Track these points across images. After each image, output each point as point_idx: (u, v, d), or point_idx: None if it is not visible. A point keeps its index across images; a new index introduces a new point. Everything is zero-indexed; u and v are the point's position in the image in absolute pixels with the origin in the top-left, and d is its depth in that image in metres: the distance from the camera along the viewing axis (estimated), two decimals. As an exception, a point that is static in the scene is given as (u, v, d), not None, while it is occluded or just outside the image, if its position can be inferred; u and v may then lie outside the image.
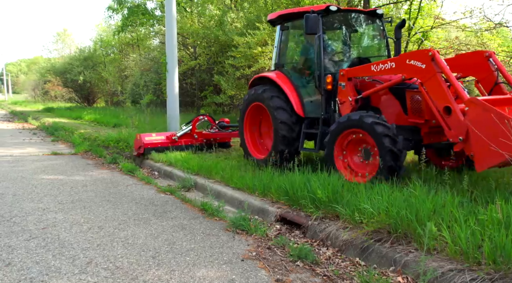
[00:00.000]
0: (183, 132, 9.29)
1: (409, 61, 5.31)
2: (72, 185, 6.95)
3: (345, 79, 6.10)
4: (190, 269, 3.64)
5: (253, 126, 7.71)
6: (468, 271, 3.08)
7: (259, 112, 7.48)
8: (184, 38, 18.30)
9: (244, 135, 7.67)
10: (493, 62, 5.53)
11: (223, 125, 9.75)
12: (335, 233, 4.20)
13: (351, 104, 6.03)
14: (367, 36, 7.52)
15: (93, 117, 19.28)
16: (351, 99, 6.03)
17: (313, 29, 6.10)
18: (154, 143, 8.92)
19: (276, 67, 7.37)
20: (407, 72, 5.38)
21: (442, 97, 4.95)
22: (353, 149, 5.72)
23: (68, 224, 4.87)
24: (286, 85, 6.91)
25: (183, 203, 5.93)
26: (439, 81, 5.00)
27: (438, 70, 5.03)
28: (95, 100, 33.66)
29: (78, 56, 32.41)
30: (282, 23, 7.28)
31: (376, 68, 5.72)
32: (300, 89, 6.85)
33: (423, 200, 3.96)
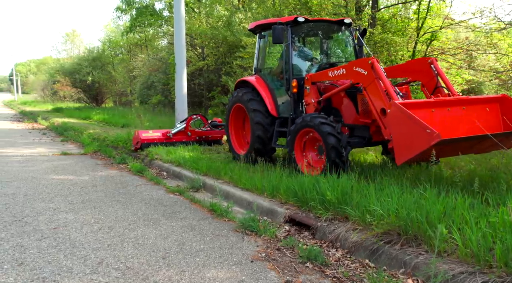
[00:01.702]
0: (178, 129, 10.13)
1: (355, 68, 5.91)
2: (82, 185, 7.00)
3: (309, 83, 6.81)
4: (200, 270, 3.66)
5: (237, 124, 8.48)
6: (480, 274, 3.06)
7: (242, 113, 8.23)
8: (192, 39, 18.34)
9: (229, 133, 8.47)
10: (433, 68, 6.19)
11: (215, 124, 10.62)
12: (344, 234, 4.20)
13: (314, 105, 6.72)
14: (337, 44, 8.29)
15: (102, 117, 19.41)
16: (314, 100, 6.73)
17: (279, 39, 6.72)
18: (150, 139, 9.79)
19: (256, 72, 8.06)
20: (353, 78, 6.03)
21: (379, 99, 5.56)
22: (311, 146, 6.43)
23: (78, 224, 4.91)
24: (263, 89, 7.64)
25: (192, 203, 5.96)
26: (377, 85, 5.60)
27: (376, 76, 5.63)
28: (103, 100, 33.87)
29: (86, 57, 32.62)
30: (260, 32, 7.95)
31: (332, 73, 6.38)
32: (274, 91, 7.56)
33: (433, 202, 3.95)
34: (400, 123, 4.91)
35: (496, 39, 11.58)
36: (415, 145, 4.67)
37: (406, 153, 4.85)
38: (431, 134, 4.45)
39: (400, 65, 6.54)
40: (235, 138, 8.45)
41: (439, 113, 5.16)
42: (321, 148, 6.20)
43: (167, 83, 18.85)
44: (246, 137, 8.42)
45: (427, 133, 4.49)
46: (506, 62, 11.60)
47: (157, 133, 10.03)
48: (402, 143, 4.91)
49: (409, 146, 4.76)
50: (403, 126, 4.86)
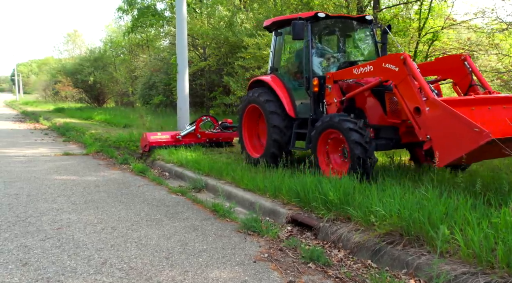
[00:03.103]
0: (187, 131, 9.81)
1: (384, 64, 5.57)
2: (85, 185, 7.03)
3: (331, 81, 6.44)
4: (203, 270, 3.67)
5: (251, 126, 8.11)
6: (482, 274, 3.08)
7: (257, 113, 7.86)
8: (194, 39, 18.37)
9: (243, 135, 8.09)
10: (467, 65, 5.82)
11: (226, 126, 10.24)
12: (346, 235, 4.21)
13: (336, 105, 6.36)
14: (357, 41, 7.87)
15: (104, 118, 19.44)
16: (336, 100, 6.37)
17: (300, 35, 6.40)
18: (159, 142, 9.43)
19: (271, 71, 7.74)
20: (383, 75, 5.66)
21: (413, 98, 5.19)
22: (334, 148, 6.11)
23: (82, 224, 4.94)
24: (280, 88, 7.30)
25: (194, 204, 5.98)
26: (409, 83, 5.24)
27: (409, 72, 5.27)
28: (105, 100, 33.93)
29: (88, 57, 32.70)
30: (276, 29, 7.64)
31: (357, 71, 6.02)
32: (292, 91, 7.22)
33: (435, 203, 3.96)
34: (443, 122, 4.63)
35: (498, 40, 11.59)
36: (461, 146, 4.39)
37: (450, 154, 4.56)
38: (480, 133, 4.20)
39: (429, 63, 6.16)
40: (249, 140, 8.11)
41: (479, 112, 4.84)
42: (345, 150, 5.86)
43: (168, 83, 18.88)
44: (261, 139, 8.07)
45: (475, 132, 4.23)
46: (508, 62, 11.60)
47: (165, 135, 9.71)
48: (445, 143, 4.62)
49: (454, 146, 4.47)
50: (446, 126, 4.58)
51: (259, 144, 8.01)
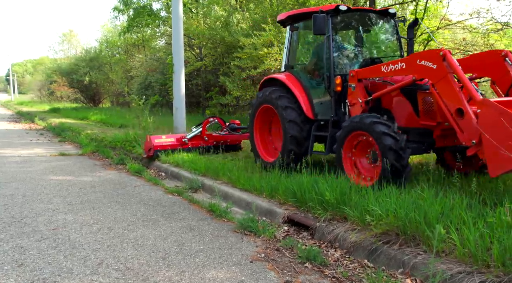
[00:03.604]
0: (193, 134, 9.23)
1: (419, 61, 5.08)
2: (81, 186, 7.00)
3: (355, 80, 5.94)
4: (200, 271, 3.67)
5: (263, 129, 7.58)
6: (477, 273, 3.10)
7: (269, 115, 7.36)
8: (190, 39, 18.34)
9: (255, 139, 7.53)
10: (510, 62, 5.24)
11: (234, 127, 9.60)
12: (343, 234, 4.23)
13: (361, 106, 5.85)
14: (379, 36, 7.31)
15: (99, 118, 19.38)
16: (361, 100, 5.85)
17: (321, 29, 5.97)
18: (164, 145, 8.85)
19: (286, 69, 7.23)
20: (418, 73, 5.18)
21: (454, 98, 4.71)
22: (362, 152, 5.58)
23: (78, 225, 4.92)
24: (296, 87, 6.79)
25: (190, 204, 5.97)
26: (450, 82, 4.77)
27: (449, 70, 4.79)
28: (101, 100, 33.82)
29: (84, 57, 32.58)
30: (291, 23, 7.14)
31: (386, 68, 5.52)
32: (309, 90, 6.72)
33: (431, 203, 3.98)
34: (497, 126, 4.11)
35: (493, 40, 11.64)
36: None
37: (505, 163, 4.04)
38: None
39: (463, 59, 5.50)
40: (261, 144, 7.54)
41: None
42: (374, 155, 5.35)
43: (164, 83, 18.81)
44: (274, 142, 7.55)
45: None
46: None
47: (170, 138, 9.12)
48: (498, 151, 4.06)
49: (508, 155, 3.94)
50: (501, 130, 4.07)
51: (272, 149, 7.50)
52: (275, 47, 11.82)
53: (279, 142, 7.25)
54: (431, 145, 5.59)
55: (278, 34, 11.94)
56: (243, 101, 16.76)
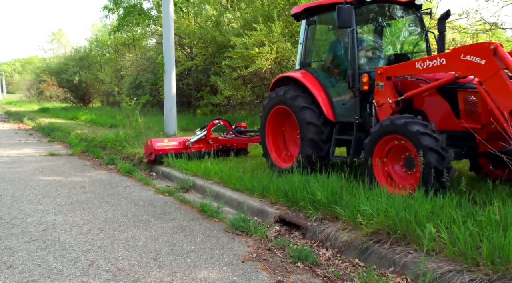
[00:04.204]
0: (198, 137, 8.58)
1: (464, 56, 4.55)
2: (71, 186, 6.94)
3: (383, 78, 5.37)
4: (192, 271, 3.66)
5: (276, 133, 7.02)
6: (467, 272, 3.12)
7: (282, 117, 6.85)
8: (181, 38, 18.27)
9: (267, 143, 6.98)
10: None
11: (240, 130, 9.01)
12: (334, 234, 4.24)
13: (391, 106, 5.31)
14: (404, 30, 6.78)
15: (89, 118, 19.25)
16: (391, 101, 5.30)
17: (346, 22, 5.47)
18: (166, 149, 8.24)
19: (302, 66, 6.67)
20: (461, 69, 4.63)
21: (508, 97, 4.22)
22: (395, 158, 5.05)
23: (68, 226, 4.88)
24: (314, 86, 6.25)
25: (182, 204, 5.95)
26: (503, 79, 4.26)
27: (502, 66, 4.26)
28: (90, 100, 33.56)
29: (73, 56, 32.31)
30: (308, 17, 6.56)
31: (422, 65, 4.98)
32: (329, 90, 6.21)
33: (421, 202, 4.00)
34: None
35: (482, 40, 11.75)
36: None
37: None
38: None
39: None
40: (274, 148, 6.98)
41: None
42: (409, 161, 4.85)
43: (155, 83, 18.76)
44: (289, 148, 7.01)
45: None
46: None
47: (173, 141, 8.51)
48: None
49: None
50: None
51: (286, 154, 6.97)
52: (266, 46, 11.82)
53: (293, 146, 6.87)
54: (473, 150, 5.01)
55: (269, 34, 11.93)
56: (234, 100, 16.74)
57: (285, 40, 12.18)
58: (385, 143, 5.00)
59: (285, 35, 12.54)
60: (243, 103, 16.87)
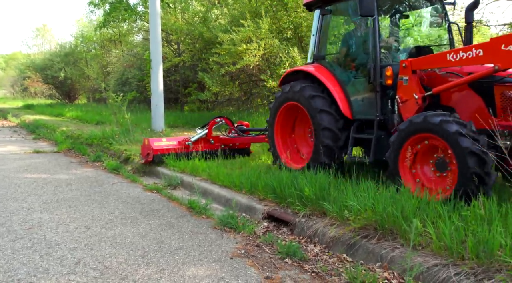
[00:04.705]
0: (198, 136, 8.08)
1: (506, 46, 4.20)
2: (56, 184, 6.86)
3: (408, 71, 4.99)
4: (180, 268, 3.65)
5: (284, 130, 6.62)
6: (453, 266, 3.17)
7: (293, 113, 6.47)
8: (168, 34, 18.15)
9: (276, 142, 6.57)
10: None
11: (243, 129, 8.47)
12: (322, 230, 4.26)
13: (417, 102, 4.91)
14: (426, 21, 6.37)
15: (75, 114, 19.04)
16: (417, 96, 4.89)
17: (370, 10, 5.07)
18: (164, 149, 7.72)
19: (315, 59, 6.27)
20: (502, 61, 4.25)
21: None
22: (424, 159, 4.65)
23: (54, 224, 4.82)
24: (330, 81, 5.86)
25: (170, 201, 5.92)
26: None
27: None
28: (76, 96, 33.16)
29: (58, 52, 31.84)
30: (322, 6, 6.18)
31: (454, 57, 4.60)
32: (346, 85, 5.82)
33: (408, 197, 4.05)
34: None
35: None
36: None
37: None
38: None
39: None
40: (283, 148, 6.56)
41: None
42: (441, 162, 4.44)
43: (142, 79, 18.61)
44: (298, 145, 6.60)
45: None
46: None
47: (172, 141, 8.00)
48: None
49: None
50: None
51: (296, 153, 6.55)
52: (253, 43, 11.80)
53: (304, 145, 6.54)
54: None
55: (256, 30, 11.91)
56: (222, 97, 16.69)
57: (272, 36, 12.17)
58: (414, 142, 4.59)
59: (273, 31, 12.54)
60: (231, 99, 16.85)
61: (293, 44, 12.66)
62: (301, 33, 12.72)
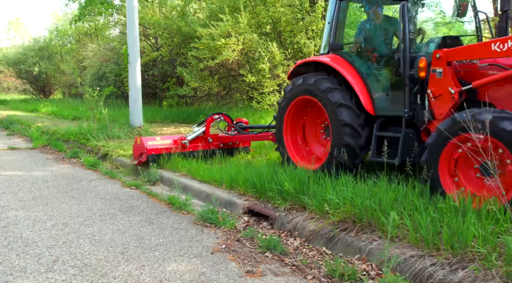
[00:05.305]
0: (195, 135, 7.56)
1: None
2: (32, 181, 6.73)
3: (442, 63, 4.46)
4: (160, 264, 3.64)
5: (294, 126, 6.08)
6: (428, 256, 3.26)
7: (304, 109, 5.96)
8: (145, 29, 17.92)
9: (285, 139, 6.01)
10: None
11: (243, 126, 7.89)
12: (302, 223, 4.31)
13: (452, 98, 4.40)
14: (452, 9, 5.89)
15: (51, 110, 18.68)
16: (454, 91, 4.38)
17: None
18: (159, 149, 7.17)
19: (331, 49, 5.69)
20: None
21: None
22: (467, 163, 4.11)
23: (30, 221, 4.73)
24: (350, 73, 5.31)
25: (149, 197, 5.88)
26: None
27: None
28: (51, 92, 32.47)
29: (32, 46, 31.10)
30: None
31: (501, 46, 4.11)
32: (367, 78, 5.28)
33: (385, 190, 4.13)
34: None
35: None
36: None
37: None
38: None
39: None
40: (293, 147, 6.03)
41: None
42: (486, 166, 3.80)
43: (119, 74, 18.33)
44: (310, 146, 6.06)
45: None
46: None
47: (167, 139, 7.44)
48: None
49: None
50: None
51: (306, 152, 6.01)
52: (232, 37, 11.76)
53: (315, 144, 6.05)
54: None
55: (235, 25, 11.88)
56: (201, 92, 16.61)
57: (251, 31, 12.16)
58: (454, 148, 4.07)
59: (252, 26, 12.52)
60: (210, 94, 16.78)
61: (272, 39, 12.68)
62: (280, 28, 12.74)
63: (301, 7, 12.27)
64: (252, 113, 12.14)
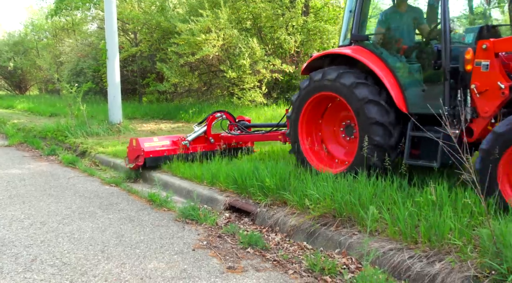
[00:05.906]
0: (196, 135, 7.04)
1: None
2: (8, 179, 6.59)
3: (490, 55, 3.97)
4: (141, 262, 3.62)
5: (311, 126, 5.53)
6: (407, 249, 3.33)
7: (322, 106, 5.46)
8: (124, 24, 17.66)
9: (300, 139, 5.45)
10: None
11: (246, 125, 7.38)
12: (283, 219, 4.34)
13: (502, 93, 3.89)
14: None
15: (27, 106, 18.30)
16: (504, 86, 3.87)
17: None
18: (158, 151, 6.58)
19: (354, 40, 5.16)
20: None
21: None
22: None
23: (7, 220, 4.64)
24: (377, 66, 4.79)
25: (129, 194, 5.83)
26: None
27: None
28: (27, 88, 31.72)
29: (7, 41, 30.24)
30: None
31: None
32: (397, 71, 4.77)
33: (365, 185, 4.19)
34: None
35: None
36: None
37: None
38: None
39: None
40: (311, 149, 5.46)
41: None
42: None
43: (98, 70, 18.04)
44: (328, 147, 5.52)
45: None
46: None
47: (165, 140, 6.83)
48: None
49: None
50: None
51: (324, 154, 5.48)
52: (213, 33, 11.70)
53: (334, 145, 5.55)
54: None
55: (215, 20, 11.81)
56: (181, 88, 16.49)
57: (232, 27, 12.11)
58: None
59: (232, 21, 12.47)
60: (191, 90, 16.67)
61: (252, 34, 12.66)
62: (260, 24, 12.73)
63: (281, 2, 12.29)
64: (233, 109, 12.11)
